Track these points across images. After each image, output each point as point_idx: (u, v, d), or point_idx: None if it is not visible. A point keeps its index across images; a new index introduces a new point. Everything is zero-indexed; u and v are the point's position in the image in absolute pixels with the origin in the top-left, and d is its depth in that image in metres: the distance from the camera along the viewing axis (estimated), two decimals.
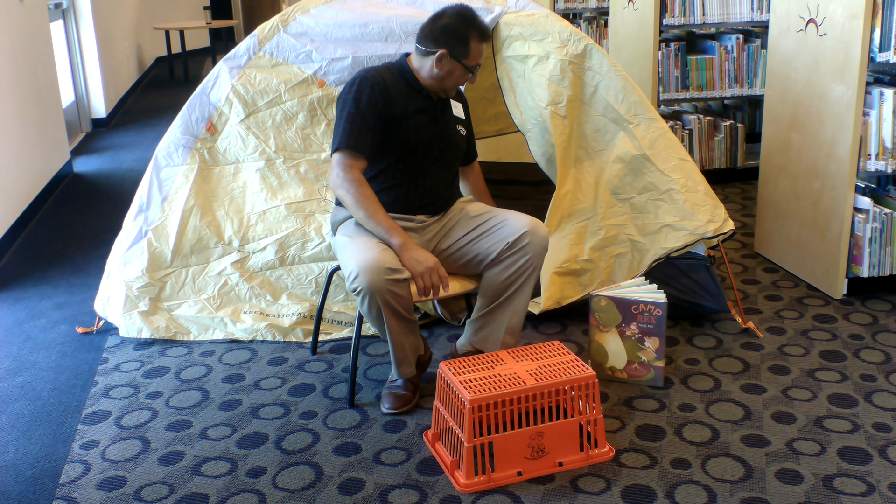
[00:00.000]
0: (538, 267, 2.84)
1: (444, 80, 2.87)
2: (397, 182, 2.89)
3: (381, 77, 2.83)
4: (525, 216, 2.85)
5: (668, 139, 3.36)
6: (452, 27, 2.82)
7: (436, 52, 2.82)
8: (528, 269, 2.81)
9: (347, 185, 2.76)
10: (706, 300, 3.39)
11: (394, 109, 2.82)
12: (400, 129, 2.84)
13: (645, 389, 2.96)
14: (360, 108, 2.78)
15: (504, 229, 2.83)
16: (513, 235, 2.80)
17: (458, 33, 2.82)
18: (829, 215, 3.61)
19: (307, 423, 2.82)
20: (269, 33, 3.42)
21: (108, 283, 3.49)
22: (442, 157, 2.94)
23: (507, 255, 2.80)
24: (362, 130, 2.77)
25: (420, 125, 2.87)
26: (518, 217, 2.85)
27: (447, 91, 2.91)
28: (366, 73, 2.84)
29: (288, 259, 3.45)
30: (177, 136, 3.46)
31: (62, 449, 2.72)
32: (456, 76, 2.87)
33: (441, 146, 2.93)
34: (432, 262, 2.71)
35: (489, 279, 2.85)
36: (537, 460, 2.50)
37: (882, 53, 3.30)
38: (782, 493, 2.39)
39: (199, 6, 11.56)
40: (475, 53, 2.85)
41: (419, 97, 2.90)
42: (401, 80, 2.89)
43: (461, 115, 3.07)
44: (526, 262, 2.80)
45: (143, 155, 6.49)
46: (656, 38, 4.87)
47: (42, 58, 5.73)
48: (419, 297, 2.77)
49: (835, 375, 3.02)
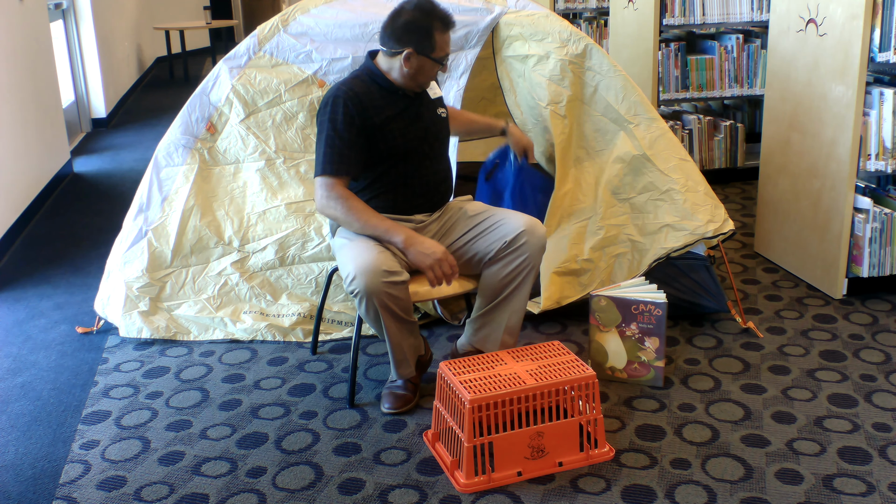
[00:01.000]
0: (536, 266, 2.84)
1: (416, 77, 2.81)
2: (392, 186, 2.87)
3: (353, 91, 2.78)
4: (523, 215, 2.85)
5: (668, 139, 3.36)
6: (413, 23, 2.75)
7: (402, 52, 2.77)
8: (526, 269, 2.81)
9: (333, 203, 2.74)
10: (706, 300, 3.39)
11: (373, 120, 2.79)
12: (384, 138, 2.80)
13: (645, 389, 2.96)
14: (338, 129, 2.75)
15: (501, 228, 2.83)
16: (510, 234, 2.79)
17: (421, 28, 2.75)
18: (829, 215, 3.61)
19: (307, 423, 2.82)
20: (269, 33, 3.42)
21: (108, 283, 3.49)
22: (432, 151, 2.92)
23: (505, 254, 2.80)
24: (343, 151, 2.75)
25: (403, 128, 2.84)
26: (516, 216, 2.85)
27: (422, 86, 2.86)
28: (337, 90, 2.79)
29: (288, 259, 3.45)
30: (177, 136, 3.46)
31: (62, 449, 2.72)
32: (427, 71, 2.81)
33: (430, 140, 2.90)
34: (440, 251, 2.70)
35: (487, 278, 2.85)
36: (537, 460, 2.50)
37: (882, 53, 3.30)
38: (782, 493, 2.39)
39: (199, 6, 11.56)
40: (441, 44, 2.78)
41: (395, 98, 2.85)
42: (373, 87, 2.83)
43: (439, 93, 3.01)
44: (523, 261, 2.80)
45: (143, 155, 6.49)
46: (656, 38, 4.87)
47: (42, 58, 5.73)
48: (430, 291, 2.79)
49: (835, 375, 3.02)
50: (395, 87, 2.84)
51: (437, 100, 2.99)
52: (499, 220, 2.86)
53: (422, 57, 2.77)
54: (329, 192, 2.74)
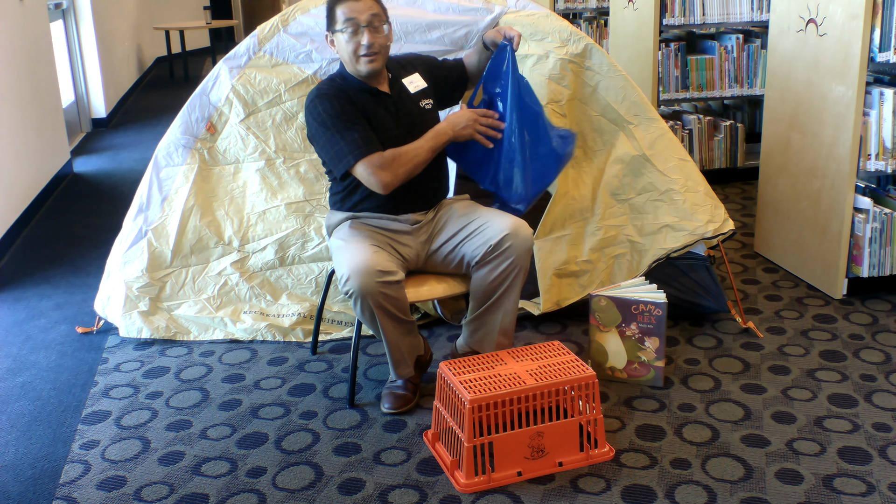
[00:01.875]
0: (524, 268, 2.81)
1: (345, 58, 2.80)
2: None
3: (332, 89, 2.79)
4: (508, 217, 2.81)
5: (667, 139, 3.36)
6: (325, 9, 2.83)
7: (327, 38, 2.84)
8: (514, 271, 2.79)
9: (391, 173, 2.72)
10: (706, 300, 3.39)
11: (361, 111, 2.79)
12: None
13: (645, 389, 2.96)
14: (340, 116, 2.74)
15: (486, 232, 2.80)
16: (494, 238, 2.76)
17: (328, 8, 2.81)
18: (829, 215, 3.61)
19: (307, 423, 2.82)
20: (269, 33, 3.42)
21: (108, 283, 3.49)
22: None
23: (491, 258, 2.78)
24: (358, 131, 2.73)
25: (382, 126, 2.81)
26: (500, 219, 2.81)
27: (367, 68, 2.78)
28: (317, 90, 2.80)
29: (288, 259, 3.45)
30: (177, 136, 3.46)
31: (62, 449, 2.72)
32: (349, 47, 2.76)
33: (416, 135, 2.82)
34: (466, 115, 2.78)
35: (477, 281, 2.84)
36: (537, 460, 2.50)
37: (882, 53, 3.30)
38: (782, 493, 2.39)
39: (199, 6, 11.56)
40: (342, 16, 2.75)
41: (370, 96, 2.83)
42: (347, 88, 2.82)
43: (422, 85, 2.95)
44: (510, 264, 2.77)
45: (143, 155, 6.49)
46: (656, 38, 4.87)
47: (42, 58, 5.73)
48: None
49: (835, 375, 3.02)
50: (366, 85, 2.83)
51: (419, 92, 2.94)
52: (483, 224, 2.83)
53: (335, 34, 2.79)
54: (376, 168, 2.71)
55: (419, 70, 2.99)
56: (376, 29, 2.77)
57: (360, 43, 2.75)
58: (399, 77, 2.92)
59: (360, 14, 2.74)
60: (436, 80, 3.02)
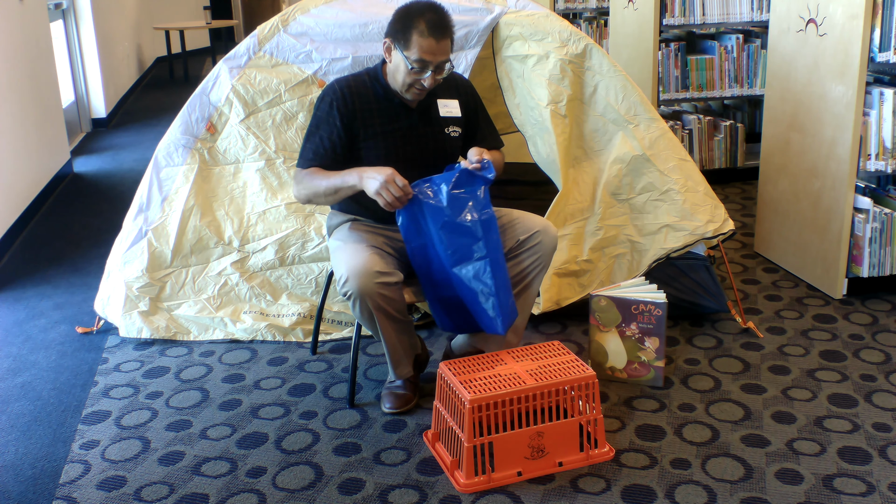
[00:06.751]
0: (546, 266, 2.83)
1: (396, 76, 2.69)
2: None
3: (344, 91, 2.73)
4: (538, 217, 2.84)
5: (667, 139, 3.36)
6: (401, 13, 2.65)
7: (385, 42, 2.70)
8: (537, 268, 2.81)
9: (299, 187, 2.75)
10: (706, 300, 3.39)
11: (356, 124, 2.73)
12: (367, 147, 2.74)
13: (645, 389, 2.96)
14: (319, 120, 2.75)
15: (516, 227, 2.81)
16: (525, 234, 2.78)
17: (404, 19, 2.63)
18: (829, 215, 3.61)
19: (307, 423, 2.82)
20: (269, 33, 3.42)
21: (108, 283, 3.49)
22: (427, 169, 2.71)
23: (518, 253, 2.80)
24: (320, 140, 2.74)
25: (390, 142, 2.75)
26: (531, 217, 2.84)
27: (410, 93, 2.71)
28: (331, 87, 2.77)
29: (288, 259, 3.45)
30: (177, 136, 3.46)
31: (62, 449, 2.72)
32: (403, 72, 2.65)
33: (425, 156, 2.79)
34: (386, 172, 2.55)
35: None
36: (537, 460, 2.50)
37: (882, 53, 3.30)
38: (782, 493, 2.39)
39: (199, 6, 11.55)
40: (416, 48, 2.60)
41: (390, 106, 2.76)
42: (370, 90, 2.76)
43: (455, 113, 2.85)
44: (535, 260, 2.79)
45: (143, 155, 6.49)
46: (656, 38, 4.87)
47: (42, 58, 5.73)
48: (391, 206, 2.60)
49: (835, 375, 3.02)
50: (393, 95, 2.76)
51: (449, 118, 2.83)
52: (514, 220, 2.84)
53: (396, 52, 2.65)
54: (295, 180, 2.78)
55: (461, 100, 2.89)
56: (440, 72, 2.68)
57: (421, 81, 2.67)
58: (436, 94, 2.83)
59: (434, 56, 2.62)
60: (467, 121, 2.91)
